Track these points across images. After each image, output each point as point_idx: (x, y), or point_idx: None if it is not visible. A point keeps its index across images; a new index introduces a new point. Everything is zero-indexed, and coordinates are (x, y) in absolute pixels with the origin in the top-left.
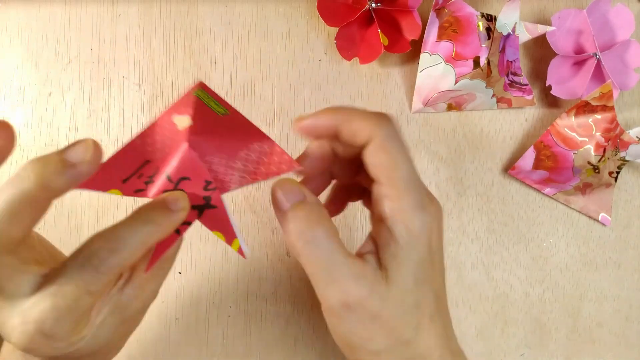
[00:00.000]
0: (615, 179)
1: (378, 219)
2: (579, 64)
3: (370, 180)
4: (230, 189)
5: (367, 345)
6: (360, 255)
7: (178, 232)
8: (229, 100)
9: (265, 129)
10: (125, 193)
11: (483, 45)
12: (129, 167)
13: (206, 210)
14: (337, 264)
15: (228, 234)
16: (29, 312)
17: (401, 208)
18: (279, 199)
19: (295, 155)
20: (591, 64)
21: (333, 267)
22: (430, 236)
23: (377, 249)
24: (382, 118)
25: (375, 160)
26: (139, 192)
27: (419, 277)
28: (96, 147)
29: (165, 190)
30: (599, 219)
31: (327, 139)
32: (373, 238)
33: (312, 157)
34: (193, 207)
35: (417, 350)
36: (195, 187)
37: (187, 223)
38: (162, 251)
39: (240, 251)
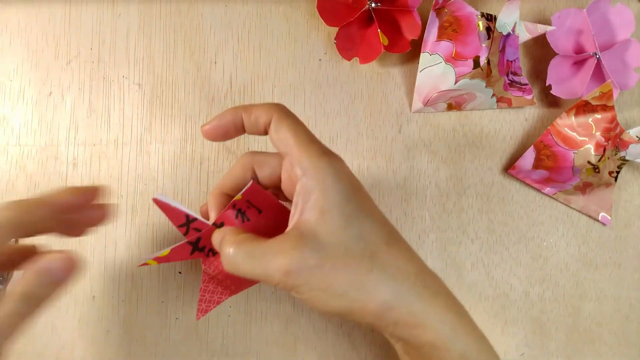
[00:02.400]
0: (615, 178)
1: (294, 180)
2: (579, 63)
3: (289, 188)
4: None
5: (332, 290)
6: (289, 224)
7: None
8: (228, 100)
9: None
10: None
11: (483, 45)
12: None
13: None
14: (259, 257)
15: None
16: None
17: (309, 160)
18: (215, 246)
19: None
20: (591, 64)
21: (258, 261)
22: (347, 175)
23: (300, 209)
24: (275, 104)
25: (278, 135)
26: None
27: (349, 213)
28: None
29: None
30: (599, 219)
31: (233, 135)
32: (295, 201)
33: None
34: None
35: (386, 274)
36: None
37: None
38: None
39: None
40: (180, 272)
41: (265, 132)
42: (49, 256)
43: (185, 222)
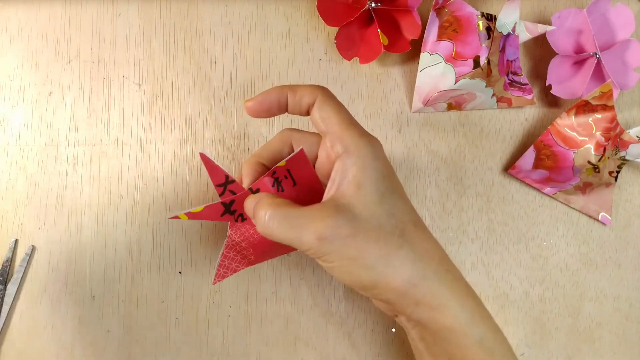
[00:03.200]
0: (616, 178)
1: (333, 158)
2: (579, 63)
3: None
4: None
5: (360, 262)
6: (326, 195)
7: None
8: (229, 100)
9: (265, 129)
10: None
11: (483, 45)
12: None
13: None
14: (295, 220)
15: None
16: None
17: (351, 139)
18: (248, 212)
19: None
20: (591, 64)
21: (294, 224)
22: (383, 157)
23: (337, 184)
24: (320, 86)
25: (321, 114)
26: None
27: (383, 190)
28: None
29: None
30: (599, 219)
31: (276, 112)
32: (333, 177)
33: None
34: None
35: (414, 254)
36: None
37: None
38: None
39: None
40: (180, 272)
41: (307, 113)
42: None
43: (224, 182)
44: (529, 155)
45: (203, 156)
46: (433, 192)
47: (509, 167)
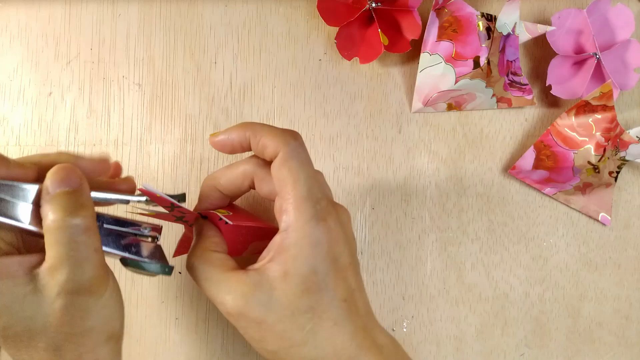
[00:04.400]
0: (616, 178)
1: (275, 236)
2: (579, 63)
3: (273, 195)
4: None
5: (262, 345)
6: (256, 264)
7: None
8: (229, 100)
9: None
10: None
11: (483, 45)
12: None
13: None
14: (214, 282)
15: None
16: None
17: (295, 221)
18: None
19: None
20: (591, 64)
21: (212, 288)
22: (330, 245)
23: (269, 260)
24: (288, 134)
25: (278, 175)
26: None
27: (309, 285)
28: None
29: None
30: (599, 219)
31: (240, 151)
32: (268, 250)
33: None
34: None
35: (318, 352)
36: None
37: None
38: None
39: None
40: (180, 272)
41: (271, 160)
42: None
43: (171, 205)
44: (529, 156)
45: (143, 191)
46: (433, 192)
47: (509, 167)
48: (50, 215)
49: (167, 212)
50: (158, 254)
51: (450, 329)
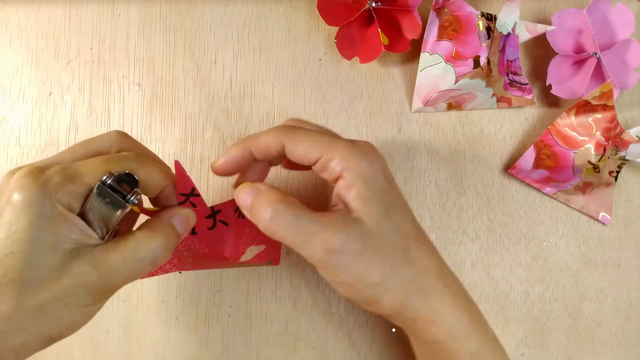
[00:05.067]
0: (616, 178)
1: (334, 178)
2: (579, 63)
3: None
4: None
5: (366, 279)
6: (329, 210)
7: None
8: (229, 100)
9: (265, 129)
10: None
11: (483, 45)
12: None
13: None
14: (306, 223)
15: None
16: None
17: (346, 154)
18: (242, 202)
19: None
20: (591, 64)
21: (304, 228)
22: (382, 170)
23: (343, 201)
24: (280, 127)
25: (298, 149)
26: None
27: (387, 205)
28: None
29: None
30: (599, 219)
31: (246, 167)
32: (337, 195)
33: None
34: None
35: (415, 270)
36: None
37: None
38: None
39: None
40: (180, 272)
41: (281, 158)
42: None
43: (189, 194)
44: (529, 155)
45: (177, 164)
46: (433, 192)
47: (509, 167)
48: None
49: (178, 202)
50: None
51: None
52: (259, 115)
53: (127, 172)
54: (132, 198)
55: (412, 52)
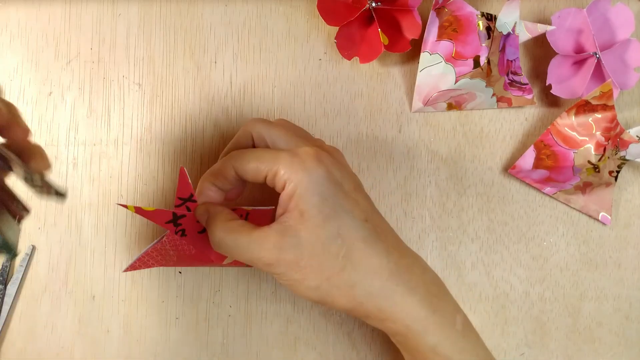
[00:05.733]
0: (616, 178)
1: (281, 190)
2: (579, 63)
3: None
4: None
5: (305, 284)
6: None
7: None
8: (229, 100)
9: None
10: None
11: (483, 45)
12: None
13: None
14: (245, 245)
15: None
16: None
17: (289, 171)
18: (200, 220)
19: None
20: (591, 63)
21: (243, 249)
22: (329, 173)
23: (284, 211)
24: (226, 159)
25: (255, 162)
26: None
27: (327, 212)
28: None
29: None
30: (599, 218)
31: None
32: (280, 205)
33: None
34: None
35: (358, 274)
36: None
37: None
38: None
39: None
40: (180, 272)
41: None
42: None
43: (187, 199)
44: (529, 155)
45: (182, 170)
46: (433, 192)
47: (509, 167)
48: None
49: (175, 205)
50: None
51: None
52: (259, 115)
53: None
54: None
55: (412, 52)
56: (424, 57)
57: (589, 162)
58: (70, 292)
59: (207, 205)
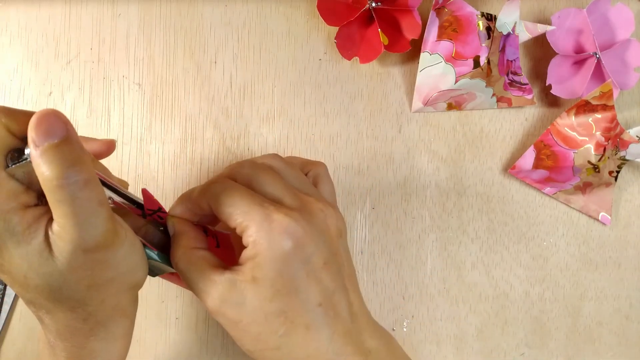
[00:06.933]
0: (616, 178)
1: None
2: (579, 63)
3: None
4: None
5: (240, 343)
6: (237, 263)
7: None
8: (229, 100)
9: (265, 129)
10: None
11: (483, 45)
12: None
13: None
14: (195, 280)
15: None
16: None
17: (257, 235)
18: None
19: (295, 153)
20: (591, 64)
21: (193, 283)
22: (298, 247)
23: (241, 266)
24: (206, 187)
25: (224, 210)
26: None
27: (279, 287)
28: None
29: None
30: (599, 218)
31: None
32: (242, 259)
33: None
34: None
35: (294, 356)
36: None
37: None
38: None
39: None
40: None
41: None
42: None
43: (155, 210)
44: (529, 155)
45: (145, 192)
46: (433, 192)
47: (509, 167)
48: (45, 173)
49: (142, 214)
50: (163, 243)
51: (450, 329)
52: (259, 115)
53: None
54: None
55: (412, 52)
56: (424, 57)
57: (589, 162)
58: None
59: (176, 221)
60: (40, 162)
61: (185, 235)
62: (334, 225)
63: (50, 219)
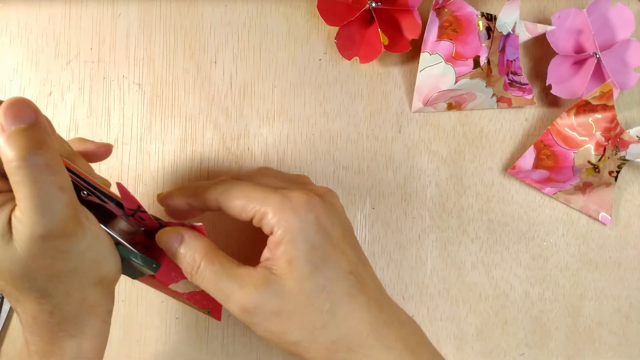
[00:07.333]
0: (616, 178)
1: (269, 232)
2: (579, 63)
3: None
4: None
5: (285, 338)
6: (259, 262)
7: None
8: (229, 100)
9: (265, 129)
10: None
11: (483, 45)
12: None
13: None
14: (224, 282)
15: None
16: None
17: (279, 215)
18: (166, 247)
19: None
20: (591, 64)
21: (222, 286)
22: (317, 224)
23: (271, 256)
24: (220, 188)
25: (235, 203)
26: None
27: (315, 262)
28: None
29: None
30: (599, 219)
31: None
32: (268, 249)
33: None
34: None
35: (340, 331)
36: None
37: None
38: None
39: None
40: None
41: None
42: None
43: (135, 210)
44: (529, 155)
45: (120, 186)
46: (433, 192)
47: (509, 167)
48: (8, 155)
49: (124, 214)
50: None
51: (450, 329)
52: (259, 115)
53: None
54: None
55: (412, 52)
56: (424, 57)
57: (589, 162)
58: None
59: (184, 231)
60: (5, 145)
61: (199, 241)
62: (339, 203)
63: (16, 205)
